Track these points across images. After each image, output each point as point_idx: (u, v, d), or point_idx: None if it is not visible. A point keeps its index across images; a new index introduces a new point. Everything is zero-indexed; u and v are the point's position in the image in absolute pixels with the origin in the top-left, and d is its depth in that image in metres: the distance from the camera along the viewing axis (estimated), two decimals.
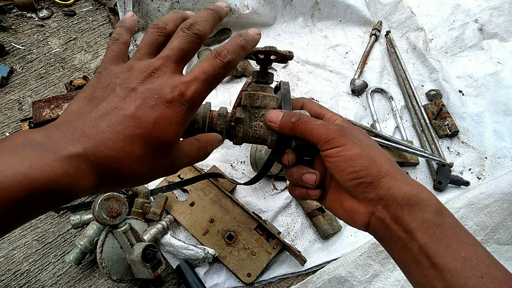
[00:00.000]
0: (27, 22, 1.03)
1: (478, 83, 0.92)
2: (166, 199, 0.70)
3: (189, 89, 0.31)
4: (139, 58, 0.33)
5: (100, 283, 0.67)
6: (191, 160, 0.35)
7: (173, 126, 0.30)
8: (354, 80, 0.91)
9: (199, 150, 0.36)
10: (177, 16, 0.36)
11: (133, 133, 0.28)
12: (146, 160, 0.29)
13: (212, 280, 0.67)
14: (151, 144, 0.29)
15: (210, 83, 0.32)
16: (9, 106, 0.89)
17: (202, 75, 0.32)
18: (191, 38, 0.33)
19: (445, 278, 0.31)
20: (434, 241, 0.32)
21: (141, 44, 0.34)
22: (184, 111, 0.31)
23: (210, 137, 0.38)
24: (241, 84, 0.92)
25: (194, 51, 0.34)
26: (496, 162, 0.80)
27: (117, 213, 0.51)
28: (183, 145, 0.34)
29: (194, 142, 0.36)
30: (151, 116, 0.29)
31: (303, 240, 0.72)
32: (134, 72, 0.31)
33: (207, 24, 0.34)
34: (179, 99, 0.31)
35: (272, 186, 0.78)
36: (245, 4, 0.98)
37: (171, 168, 0.33)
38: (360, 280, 0.64)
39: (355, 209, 0.37)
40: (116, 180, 0.28)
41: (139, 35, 0.90)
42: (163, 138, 0.30)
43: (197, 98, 0.32)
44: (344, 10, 1.03)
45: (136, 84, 0.30)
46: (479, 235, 0.67)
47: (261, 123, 0.47)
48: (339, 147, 0.36)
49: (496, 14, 1.03)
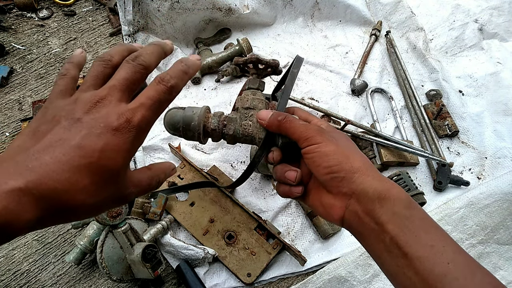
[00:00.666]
0: (27, 22, 1.03)
1: (478, 83, 0.92)
2: (166, 199, 0.70)
3: (135, 116, 0.31)
4: (85, 90, 0.33)
5: (100, 283, 0.67)
6: (142, 189, 0.34)
7: (120, 154, 0.30)
8: (354, 80, 0.91)
9: (150, 179, 0.35)
10: (123, 48, 0.36)
11: (79, 163, 0.28)
12: (93, 190, 0.29)
13: (212, 280, 0.67)
14: (98, 173, 0.29)
15: (156, 108, 0.33)
16: (9, 106, 0.89)
17: (148, 101, 0.32)
18: (137, 68, 0.34)
19: (414, 266, 0.33)
20: (404, 232, 0.34)
21: (86, 77, 0.34)
22: (131, 138, 0.31)
23: (162, 166, 0.38)
24: (241, 84, 0.92)
25: (139, 81, 0.34)
26: (496, 162, 0.80)
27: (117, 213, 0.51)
28: (133, 174, 0.34)
29: (145, 171, 0.36)
30: (98, 144, 0.29)
31: (303, 240, 0.72)
32: (79, 103, 0.31)
33: (152, 57, 0.35)
34: (126, 126, 0.31)
35: (272, 186, 0.78)
36: (245, 4, 0.98)
37: (121, 198, 0.32)
38: (360, 280, 0.64)
39: (332, 204, 0.40)
40: (62, 213, 0.28)
41: (139, 35, 0.90)
42: (110, 167, 0.30)
43: (144, 124, 0.32)
44: (344, 10, 1.03)
45: (81, 115, 0.30)
46: (479, 235, 0.67)
47: (250, 122, 0.51)
48: (316, 144, 0.40)
49: (496, 14, 1.03)
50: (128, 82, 0.33)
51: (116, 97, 0.32)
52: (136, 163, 0.78)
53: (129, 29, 0.86)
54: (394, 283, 0.36)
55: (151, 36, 0.91)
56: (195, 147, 0.83)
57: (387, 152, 0.78)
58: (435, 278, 0.32)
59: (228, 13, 0.97)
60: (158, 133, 0.84)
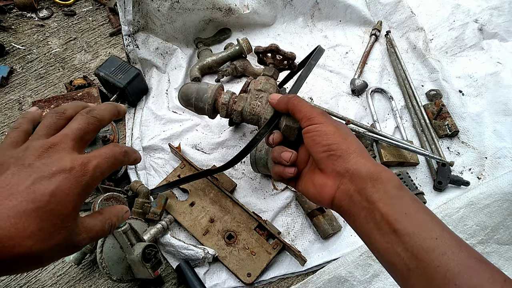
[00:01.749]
0: (27, 22, 1.03)
1: (478, 83, 0.92)
2: (166, 199, 0.70)
3: (91, 162, 0.31)
4: (36, 139, 0.33)
5: (100, 283, 0.67)
6: (95, 234, 0.33)
7: (71, 197, 0.29)
8: (354, 80, 0.91)
9: (103, 223, 0.35)
10: (77, 104, 0.37)
11: (26, 208, 0.27)
12: (41, 236, 0.28)
13: (212, 280, 0.67)
14: (46, 218, 0.28)
15: (111, 162, 0.33)
16: (9, 106, 0.89)
17: (104, 154, 0.33)
18: (90, 120, 0.34)
19: (404, 241, 0.34)
20: (394, 209, 0.36)
21: (38, 127, 0.34)
22: (84, 183, 0.30)
23: (114, 209, 0.37)
24: (241, 84, 0.92)
25: (92, 132, 0.34)
26: (496, 162, 0.80)
27: None
28: (84, 219, 0.33)
29: (97, 216, 0.35)
30: (48, 188, 0.28)
31: (303, 240, 0.72)
32: (30, 149, 0.31)
33: (106, 113, 0.36)
34: (80, 169, 0.30)
35: (272, 186, 0.78)
36: (245, 4, 0.98)
37: (71, 245, 0.31)
38: (360, 280, 0.64)
39: (324, 183, 0.42)
40: (6, 263, 0.27)
41: (139, 35, 0.89)
42: (60, 212, 0.29)
43: (99, 172, 0.32)
44: (344, 10, 1.03)
45: (32, 160, 0.30)
46: (479, 235, 0.67)
47: (259, 103, 0.54)
48: (318, 124, 0.43)
49: (496, 14, 1.03)
50: (82, 132, 0.33)
51: (69, 145, 0.32)
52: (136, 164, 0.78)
53: (129, 29, 0.86)
54: (383, 261, 0.37)
55: (151, 36, 0.92)
56: (195, 147, 0.83)
57: (387, 152, 0.78)
58: (423, 253, 0.33)
59: (228, 13, 0.97)
60: (158, 133, 0.84)
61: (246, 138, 0.84)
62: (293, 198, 0.76)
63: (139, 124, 0.85)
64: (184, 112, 0.88)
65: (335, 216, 0.73)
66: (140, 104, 0.89)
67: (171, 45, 0.95)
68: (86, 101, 0.79)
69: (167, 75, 0.94)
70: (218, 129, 0.86)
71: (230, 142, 0.84)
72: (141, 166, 0.79)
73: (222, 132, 0.85)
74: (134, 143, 0.82)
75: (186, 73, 0.94)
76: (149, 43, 0.91)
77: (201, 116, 0.87)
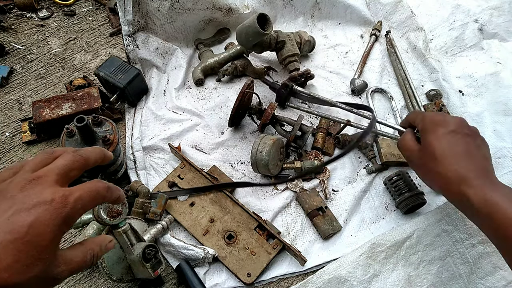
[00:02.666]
0: (27, 22, 1.03)
1: (478, 83, 0.92)
2: (166, 199, 0.70)
3: (73, 194, 0.31)
4: (21, 174, 0.33)
5: (100, 283, 0.67)
6: (75, 266, 0.33)
7: (50, 228, 0.29)
8: (354, 80, 0.91)
9: (84, 254, 0.34)
10: (67, 148, 0.38)
11: (3, 239, 0.27)
12: (17, 268, 0.27)
13: (212, 280, 0.67)
14: (23, 249, 0.28)
15: (94, 196, 0.33)
16: (9, 106, 0.89)
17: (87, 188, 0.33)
18: (76, 157, 0.35)
19: None
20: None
21: (26, 164, 0.34)
22: (64, 214, 0.30)
23: (96, 239, 0.37)
24: (241, 83, 0.92)
25: (77, 169, 0.35)
26: (496, 162, 0.80)
27: (117, 213, 0.51)
28: (64, 251, 0.32)
29: (78, 247, 0.34)
30: (27, 220, 0.28)
31: (303, 240, 0.72)
32: (13, 183, 0.31)
33: (92, 154, 0.37)
34: (60, 200, 0.30)
35: (272, 186, 0.78)
36: (245, 4, 0.98)
37: (50, 277, 0.30)
38: (360, 280, 0.64)
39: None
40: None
41: (139, 35, 0.89)
42: (37, 243, 0.28)
43: (80, 204, 0.32)
44: (344, 10, 1.03)
45: (14, 192, 0.30)
46: (479, 235, 0.67)
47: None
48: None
49: (496, 14, 1.03)
50: (66, 168, 0.33)
51: (52, 178, 0.32)
52: (136, 163, 0.79)
53: (129, 29, 0.86)
54: None
55: (151, 36, 0.92)
56: (195, 147, 0.83)
57: (387, 152, 0.78)
58: None
59: (228, 13, 0.96)
60: (158, 133, 0.84)
61: (246, 138, 0.84)
62: (293, 198, 0.76)
63: (139, 124, 0.85)
64: (184, 112, 0.88)
65: (335, 216, 0.73)
66: (140, 104, 0.89)
67: (171, 45, 0.95)
68: (86, 101, 0.79)
69: (167, 75, 0.94)
70: (218, 129, 0.86)
71: (230, 142, 0.84)
72: (141, 166, 0.79)
73: (222, 132, 0.85)
74: (134, 143, 0.82)
75: (186, 73, 0.94)
76: (149, 43, 0.91)
77: (201, 116, 0.87)
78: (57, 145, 0.82)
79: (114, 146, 0.67)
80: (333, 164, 0.80)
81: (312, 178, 0.78)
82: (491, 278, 0.64)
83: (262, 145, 0.72)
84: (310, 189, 0.76)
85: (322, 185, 0.77)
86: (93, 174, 0.71)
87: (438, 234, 0.67)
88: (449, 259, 0.66)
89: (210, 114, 0.87)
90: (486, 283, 0.64)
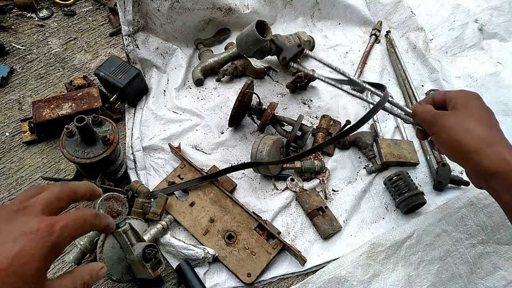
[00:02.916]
0: (27, 22, 1.03)
1: (478, 83, 0.92)
2: (166, 199, 0.70)
3: (59, 222, 0.31)
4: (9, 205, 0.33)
5: (100, 283, 0.67)
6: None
7: (36, 257, 0.29)
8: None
9: (73, 283, 0.33)
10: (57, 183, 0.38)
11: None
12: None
13: (212, 280, 0.67)
14: (8, 281, 0.27)
15: (81, 224, 0.33)
16: (9, 106, 0.89)
17: (74, 214, 0.33)
18: (64, 188, 0.35)
19: None
20: None
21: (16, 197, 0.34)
22: (50, 243, 0.30)
23: (87, 267, 0.36)
24: (241, 83, 0.92)
25: (65, 201, 0.34)
26: None
27: (117, 213, 0.51)
28: (51, 281, 0.32)
29: (66, 275, 0.34)
30: (11, 250, 0.28)
31: (303, 240, 0.72)
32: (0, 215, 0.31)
33: (81, 187, 0.37)
34: (46, 229, 0.30)
35: (272, 186, 0.78)
36: (245, 4, 0.98)
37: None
38: (360, 280, 0.64)
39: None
40: None
41: (139, 35, 0.89)
42: (22, 273, 0.28)
43: (66, 232, 0.31)
44: (344, 10, 1.03)
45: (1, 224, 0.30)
46: (479, 235, 0.67)
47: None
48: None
49: (496, 14, 1.03)
50: (53, 198, 0.33)
51: (39, 208, 0.32)
52: (136, 163, 0.78)
53: (129, 29, 0.86)
54: None
55: (151, 36, 0.91)
56: (195, 147, 0.83)
57: (387, 152, 0.78)
58: None
59: (228, 13, 0.97)
60: (158, 133, 0.84)
61: (246, 138, 0.84)
62: (293, 198, 0.76)
63: (139, 124, 0.85)
64: (184, 112, 0.88)
65: (335, 216, 0.73)
66: (140, 104, 0.89)
67: (171, 45, 0.95)
68: (86, 101, 0.79)
69: (167, 75, 0.94)
70: (218, 129, 0.86)
71: (230, 142, 0.84)
72: (141, 166, 0.79)
73: (222, 132, 0.85)
74: (134, 143, 0.82)
75: (186, 73, 0.94)
76: (149, 43, 0.91)
77: (201, 116, 0.87)
78: (57, 145, 0.82)
79: (114, 146, 0.67)
80: (333, 164, 0.80)
81: (312, 178, 0.78)
82: (491, 278, 0.64)
83: (262, 145, 0.72)
84: (310, 189, 0.76)
85: (322, 185, 0.77)
86: (93, 175, 0.71)
87: (438, 234, 0.67)
88: (449, 259, 0.66)
89: (210, 114, 0.88)
90: (486, 283, 0.64)
